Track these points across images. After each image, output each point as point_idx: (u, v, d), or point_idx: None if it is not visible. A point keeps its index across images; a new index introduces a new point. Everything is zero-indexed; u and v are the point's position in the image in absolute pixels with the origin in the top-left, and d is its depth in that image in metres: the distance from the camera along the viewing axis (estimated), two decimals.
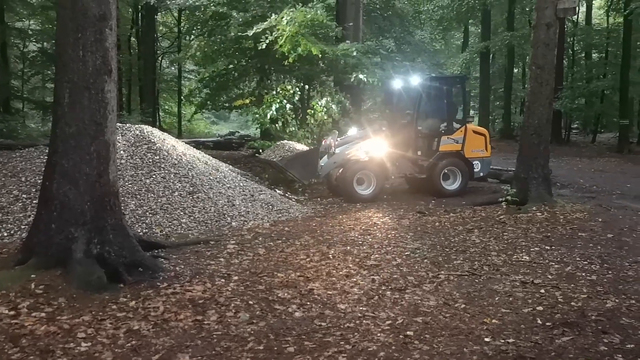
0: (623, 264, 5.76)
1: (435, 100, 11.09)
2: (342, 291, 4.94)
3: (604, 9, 29.50)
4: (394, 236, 7.19)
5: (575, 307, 4.48)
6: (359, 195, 9.95)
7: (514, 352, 3.66)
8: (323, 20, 10.66)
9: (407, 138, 10.60)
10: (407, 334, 3.98)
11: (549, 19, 8.86)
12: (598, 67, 28.64)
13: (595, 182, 12.76)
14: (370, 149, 10.24)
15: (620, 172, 14.56)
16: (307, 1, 12.17)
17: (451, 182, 10.71)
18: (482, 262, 5.91)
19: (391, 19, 20.73)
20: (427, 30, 27.34)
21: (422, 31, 25.82)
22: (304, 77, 12.17)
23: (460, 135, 10.75)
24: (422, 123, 10.92)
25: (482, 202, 9.47)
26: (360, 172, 10.07)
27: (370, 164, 10.14)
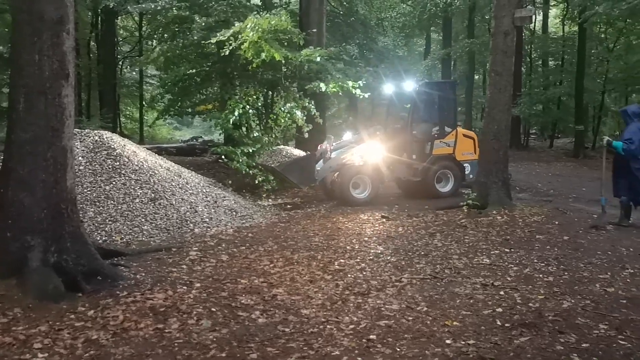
0: (578, 265, 5.92)
1: (427, 105, 11.38)
2: (306, 296, 4.94)
3: (560, 18, 30.37)
4: (358, 241, 7.23)
5: (533, 308, 4.58)
6: (355, 199, 10.12)
7: (474, 353, 3.72)
8: (287, 26, 10.67)
9: (401, 142, 10.82)
10: (370, 338, 4.00)
11: (506, 27, 9.08)
12: (554, 74, 29.43)
13: (553, 186, 13.12)
14: (366, 153, 10.40)
15: (576, 176, 15.00)
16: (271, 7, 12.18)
17: (444, 184, 10.99)
18: (444, 266, 5.99)
19: (354, 25, 20.90)
20: (390, 37, 27.64)
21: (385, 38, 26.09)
22: (267, 82, 12.15)
23: (452, 139, 11.03)
24: (415, 127, 11.16)
25: (444, 206, 9.61)
26: (356, 176, 10.23)
27: (365, 168, 10.32)
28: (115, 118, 23.67)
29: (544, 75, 29.95)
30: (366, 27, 21.65)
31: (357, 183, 10.30)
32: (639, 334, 4.00)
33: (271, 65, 11.03)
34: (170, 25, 14.99)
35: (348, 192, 10.11)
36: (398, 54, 27.56)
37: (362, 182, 10.32)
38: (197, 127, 36.31)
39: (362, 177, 10.30)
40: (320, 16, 14.01)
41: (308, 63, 11.19)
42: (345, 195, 10.11)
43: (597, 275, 5.57)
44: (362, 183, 10.32)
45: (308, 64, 11.25)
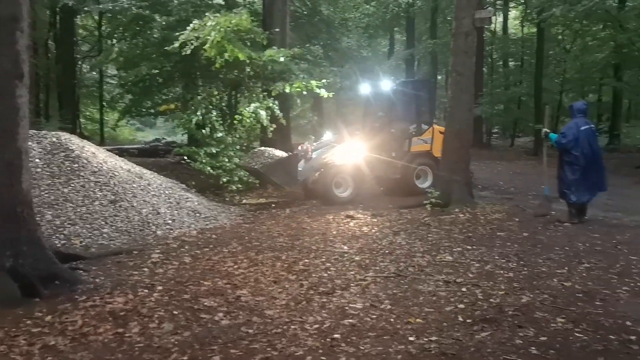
0: (537, 261, 6.05)
1: (405, 103, 11.51)
2: (270, 297, 4.91)
3: (519, 19, 31.01)
4: (323, 240, 7.23)
5: (494, 304, 4.65)
6: (338, 198, 10.21)
7: (436, 349, 3.76)
8: (248, 25, 10.60)
9: (380, 140, 10.91)
10: (334, 337, 4.01)
11: (467, 28, 9.22)
12: (515, 74, 30.06)
13: (514, 184, 13.39)
14: (346, 152, 10.49)
15: (535, 174, 15.27)
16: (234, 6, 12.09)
17: (422, 180, 11.13)
18: (408, 264, 6.03)
19: (318, 25, 20.89)
20: (354, 37, 27.77)
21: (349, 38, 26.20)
22: (231, 82, 12.05)
23: (429, 136, 11.20)
24: (394, 125, 11.29)
25: (408, 205, 9.69)
26: (338, 175, 10.33)
27: (347, 167, 10.41)
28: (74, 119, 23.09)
29: (505, 76, 30.58)
30: (330, 27, 21.68)
31: (339, 182, 10.40)
32: (594, 326, 4.11)
33: (234, 65, 10.94)
34: (131, 25, 14.72)
35: (331, 191, 10.21)
36: (362, 54, 27.73)
37: (344, 181, 10.43)
38: (160, 128, 35.77)
39: (344, 176, 10.42)
40: (284, 16, 13.97)
41: (272, 63, 11.13)
42: (328, 195, 10.20)
43: (555, 270, 5.70)
44: (344, 182, 10.44)
45: (272, 64, 11.20)
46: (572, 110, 8.56)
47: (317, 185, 10.51)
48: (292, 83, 11.24)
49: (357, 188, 10.49)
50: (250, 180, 10.98)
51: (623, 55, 23.23)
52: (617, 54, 23.30)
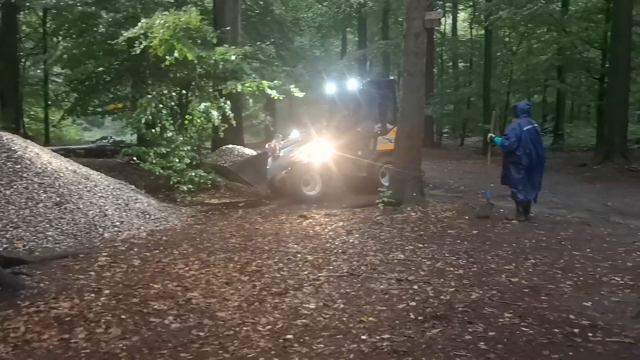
0: (486, 258, 6.19)
1: (370, 103, 11.66)
2: (222, 299, 4.85)
3: (468, 21, 31.72)
4: (276, 241, 7.20)
5: (445, 301, 4.73)
6: (306, 195, 10.34)
7: (388, 347, 3.79)
8: (198, 24, 10.43)
9: (347, 139, 10.99)
10: (287, 338, 3.98)
11: (417, 29, 9.34)
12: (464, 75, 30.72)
13: (464, 182, 13.68)
14: (314, 151, 10.59)
15: (484, 173, 15.67)
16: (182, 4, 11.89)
17: (387, 179, 11.17)
18: (361, 263, 6.07)
19: (270, 24, 20.82)
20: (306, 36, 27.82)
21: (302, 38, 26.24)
22: (181, 81, 11.84)
23: (393, 135, 11.14)
24: (360, 125, 11.42)
25: (361, 204, 9.76)
26: (306, 173, 10.44)
27: (314, 166, 10.52)
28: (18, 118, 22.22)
29: (455, 77, 31.22)
30: (282, 27, 21.64)
31: (308, 180, 10.54)
32: (540, 320, 4.23)
33: (185, 64, 10.75)
34: (77, 22, 14.27)
35: (299, 189, 10.35)
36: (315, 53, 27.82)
37: (312, 179, 10.58)
38: (108, 128, 34.89)
39: (312, 174, 10.56)
40: (235, 14, 13.83)
41: (223, 62, 11.00)
42: (296, 193, 10.32)
43: (503, 266, 5.85)
44: (312, 180, 10.58)
45: (223, 63, 11.06)
46: (516, 110, 8.83)
47: (285, 183, 10.59)
48: (243, 82, 11.13)
49: (325, 186, 10.64)
50: (202, 180, 10.82)
51: (566, 57, 24.07)
52: (560, 56, 24.11)
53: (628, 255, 6.35)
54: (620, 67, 17.60)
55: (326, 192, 10.74)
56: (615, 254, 6.38)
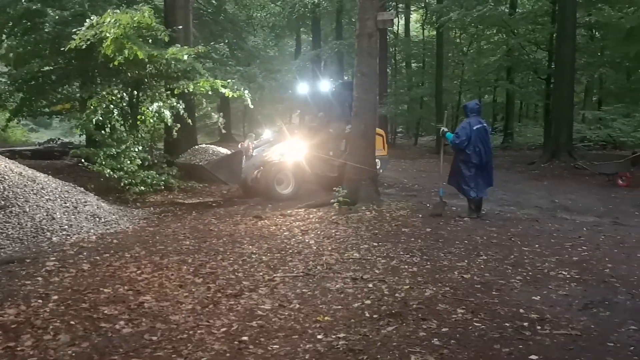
0: (439, 255, 6.29)
1: (343, 104, 11.72)
2: (176, 302, 4.76)
3: (420, 22, 32.23)
4: (231, 242, 7.12)
5: (399, 298, 4.78)
6: (280, 194, 10.46)
7: (344, 346, 3.79)
8: (150, 22, 10.22)
9: (319, 139, 11.11)
10: (242, 340, 3.94)
11: (370, 30, 9.42)
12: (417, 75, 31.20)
13: (417, 181, 13.89)
14: (287, 150, 10.75)
15: (437, 172, 15.93)
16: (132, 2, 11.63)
17: None
18: (316, 262, 6.06)
19: (223, 24, 20.60)
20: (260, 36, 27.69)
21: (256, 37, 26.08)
22: (132, 81, 11.58)
23: None
24: (332, 125, 11.52)
25: (316, 203, 9.77)
26: (279, 172, 10.56)
27: (288, 165, 10.65)
28: None
29: (408, 77, 31.67)
30: (235, 26, 21.44)
31: (281, 179, 10.67)
32: (491, 315, 4.32)
33: (135, 63, 10.50)
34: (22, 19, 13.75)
35: (273, 188, 10.48)
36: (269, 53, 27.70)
37: (285, 178, 10.72)
38: (57, 129, 33.86)
39: (285, 173, 10.69)
40: (187, 13, 13.63)
41: (175, 61, 10.81)
42: (270, 191, 10.43)
43: (456, 263, 5.95)
44: (286, 179, 10.73)
45: (175, 63, 10.87)
46: (466, 110, 9.05)
47: (258, 182, 10.67)
48: (196, 82, 10.98)
49: (298, 185, 10.77)
50: (154, 182, 10.61)
51: (514, 58, 24.76)
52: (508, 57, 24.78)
53: (574, 249, 6.57)
54: (565, 68, 18.21)
55: (299, 191, 10.88)
56: (562, 249, 6.59)
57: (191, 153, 10.97)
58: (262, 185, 10.60)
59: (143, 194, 10.55)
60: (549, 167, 17.16)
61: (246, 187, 11.22)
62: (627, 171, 13.43)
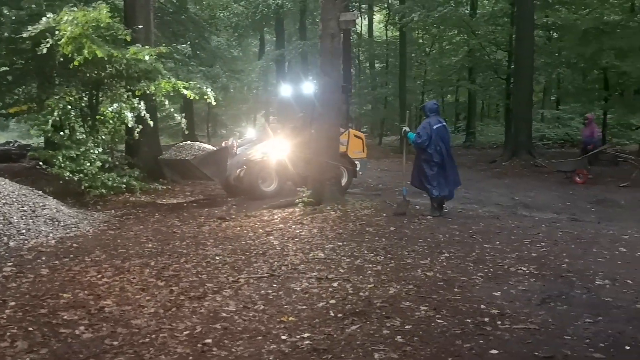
0: (403, 253, 6.35)
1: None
2: (137, 306, 4.68)
3: (383, 23, 32.51)
4: (194, 244, 7.05)
5: (363, 297, 4.80)
6: (263, 192, 10.54)
7: (308, 346, 3.80)
8: (108, 21, 10.02)
9: (301, 140, 11.12)
10: (206, 342, 3.90)
11: (333, 30, 9.45)
12: (381, 75, 31.44)
13: (382, 180, 14.01)
14: (271, 149, 10.84)
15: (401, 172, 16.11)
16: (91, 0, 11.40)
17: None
18: (281, 263, 6.05)
19: (185, 23, 20.36)
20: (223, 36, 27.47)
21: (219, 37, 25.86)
22: (92, 81, 11.35)
23: (345, 138, 11.64)
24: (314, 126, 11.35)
25: (281, 204, 9.74)
26: (263, 170, 10.75)
27: (271, 164, 10.74)
28: None
29: (372, 77, 31.88)
30: (198, 26, 21.20)
31: (265, 177, 10.80)
32: (453, 312, 4.39)
33: (95, 63, 10.30)
34: None
35: (257, 186, 10.56)
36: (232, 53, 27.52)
37: (268, 177, 10.82)
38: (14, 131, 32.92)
39: (268, 171, 10.78)
40: (147, 12, 13.42)
41: (136, 61, 10.63)
42: (254, 189, 10.54)
43: (419, 261, 6.02)
44: (269, 177, 10.82)
45: (136, 63, 10.69)
46: (425, 110, 9.23)
47: (242, 181, 10.72)
48: (158, 83, 10.82)
49: (281, 183, 10.86)
50: (116, 184, 10.43)
51: (475, 59, 25.20)
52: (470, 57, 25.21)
53: (533, 246, 6.72)
54: (524, 68, 18.64)
55: (282, 189, 10.96)
56: (522, 245, 6.74)
57: (176, 149, 10.98)
58: (246, 184, 10.66)
59: (104, 196, 10.35)
60: (509, 165, 17.52)
61: (229, 186, 11.30)
62: (584, 168, 13.81)
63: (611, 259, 6.10)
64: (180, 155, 10.51)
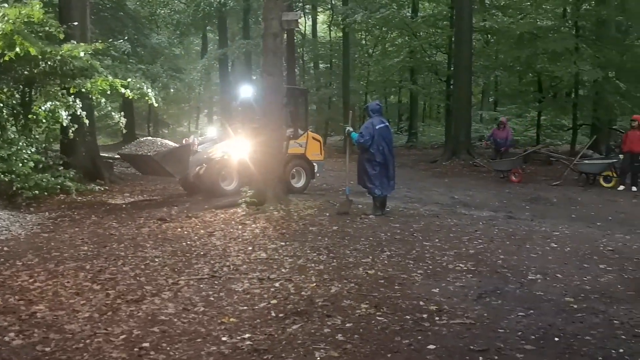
0: (345, 252, 6.40)
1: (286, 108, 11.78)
2: (71, 310, 4.52)
3: (327, 23, 32.68)
4: (133, 246, 6.87)
5: (305, 296, 4.81)
6: (224, 191, 10.52)
7: (249, 347, 3.77)
8: (41, 17, 9.62)
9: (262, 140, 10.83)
10: (143, 346, 3.81)
11: (275, 29, 9.42)
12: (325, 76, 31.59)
13: (326, 180, 14.09)
14: (231, 148, 10.82)
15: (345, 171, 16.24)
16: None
17: (297, 180, 11.75)
18: (222, 264, 5.98)
19: (124, 20, 19.81)
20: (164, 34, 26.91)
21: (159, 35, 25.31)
22: (24, 78, 10.89)
23: (304, 141, 11.91)
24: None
25: (223, 204, 9.64)
26: (224, 169, 10.76)
27: (232, 163, 10.72)
28: None
29: (316, 77, 31.99)
30: (137, 23, 20.67)
31: (225, 176, 10.80)
32: (393, 309, 4.46)
33: (27, 60, 9.87)
34: None
35: (217, 184, 10.57)
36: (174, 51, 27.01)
37: (229, 175, 10.83)
38: None
39: (229, 170, 10.78)
40: (83, 8, 12.99)
41: (71, 58, 10.25)
42: (214, 187, 10.54)
43: (361, 259, 6.08)
44: (229, 176, 10.83)
45: (71, 60, 10.31)
46: (368, 111, 9.36)
47: (202, 179, 10.70)
48: (94, 80, 10.48)
49: (242, 182, 10.72)
50: (50, 185, 10.03)
51: (416, 60, 25.70)
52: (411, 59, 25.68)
53: (470, 243, 6.91)
54: (463, 70, 19.17)
55: (242, 187, 10.73)
56: (460, 243, 6.92)
57: (137, 144, 10.84)
58: (207, 182, 10.67)
59: (37, 198, 9.94)
60: (450, 165, 17.99)
61: (188, 184, 11.29)
62: (520, 168, 14.34)
63: (543, 254, 6.35)
64: (141, 151, 10.38)
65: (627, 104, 19.94)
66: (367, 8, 20.83)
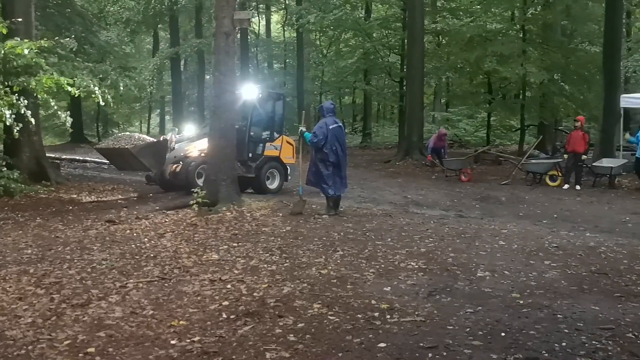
0: (298, 252, 6.38)
1: (264, 110, 12.20)
2: (13, 316, 4.35)
3: (281, 23, 32.62)
4: (79, 249, 6.68)
5: (257, 297, 4.77)
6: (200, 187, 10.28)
7: (198, 349, 3.70)
8: None
9: (240, 142, 10.97)
10: (88, 352, 3.69)
11: (227, 28, 9.33)
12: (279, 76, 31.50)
13: None
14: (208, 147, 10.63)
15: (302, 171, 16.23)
16: None
17: (271, 182, 12.00)
18: (173, 266, 5.87)
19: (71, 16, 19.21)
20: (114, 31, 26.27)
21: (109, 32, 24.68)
22: None
23: (279, 143, 12.09)
24: (253, 129, 11.86)
25: (174, 206, 9.49)
26: (201, 166, 10.74)
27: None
28: None
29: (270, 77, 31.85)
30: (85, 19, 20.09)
31: (201, 173, 10.75)
32: (345, 308, 4.46)
33: None
34: None
35: (194, 182, 10.56)
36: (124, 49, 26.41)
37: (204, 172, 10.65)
38: None
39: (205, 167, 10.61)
40: (27, 4, 12.55)
41: (14, 56, 9.88)
42: (191, 184, 10.43)
43: (314, 259, 6.07)
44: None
45: (14, 57, 9.93)
46: (322, 110, 9.36)
47: (178, 176, 10.76)
48: (38, 78, 10.13)
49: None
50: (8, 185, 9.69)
51: (370, 61, 25.94)
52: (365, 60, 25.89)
53: (422, 241, 7.00)
54: (416, 71, 19.46)
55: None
56: (412, 242, 7.00)
57: (114, 139, 10.93)
58: (183, 179, 10.70)
59: None
60: (403, 165, 18.23)
61: (163, 181, 11.30)
62: (469, 167, 14.65)
63: (491, 252, 6.49)
64: (118, 144, 10.43)
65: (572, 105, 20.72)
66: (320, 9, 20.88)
